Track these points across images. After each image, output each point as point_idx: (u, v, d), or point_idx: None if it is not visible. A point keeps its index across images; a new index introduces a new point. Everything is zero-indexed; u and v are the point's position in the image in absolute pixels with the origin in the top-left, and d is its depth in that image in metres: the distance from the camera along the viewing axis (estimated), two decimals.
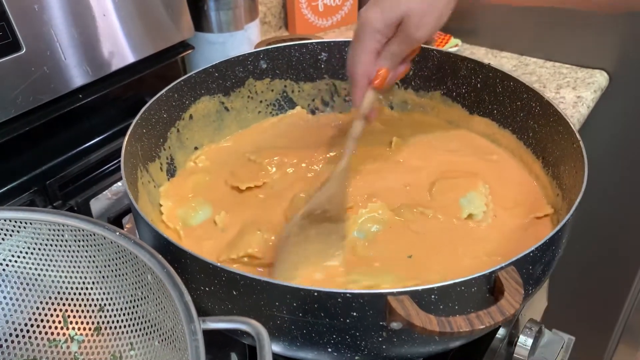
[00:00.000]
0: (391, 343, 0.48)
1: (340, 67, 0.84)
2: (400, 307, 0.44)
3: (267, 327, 0.44)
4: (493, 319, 0.44)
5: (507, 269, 0.47)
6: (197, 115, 0.77)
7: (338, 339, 0.48)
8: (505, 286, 0.46)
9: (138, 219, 0.55)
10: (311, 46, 0.82)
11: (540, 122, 0.70)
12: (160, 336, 0.46)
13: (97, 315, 0.50)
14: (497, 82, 0.75)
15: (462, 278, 0.46)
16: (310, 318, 0.46)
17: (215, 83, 0.78)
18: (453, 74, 0.80)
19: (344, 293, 0.45)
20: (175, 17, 0.88)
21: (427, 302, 0.45)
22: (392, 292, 0.44)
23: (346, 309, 0.45)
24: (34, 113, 0.73)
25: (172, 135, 0.74)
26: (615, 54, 1.07)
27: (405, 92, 0.84)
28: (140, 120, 0.66)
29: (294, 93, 0.85)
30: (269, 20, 1.26)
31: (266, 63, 0.81)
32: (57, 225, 0.49)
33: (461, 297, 0.47)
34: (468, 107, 0.80)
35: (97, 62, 0.79)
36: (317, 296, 0.45)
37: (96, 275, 0.50)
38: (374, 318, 0.46)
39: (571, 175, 0.63)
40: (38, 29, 0.71)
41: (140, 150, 0.67)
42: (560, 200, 0.66)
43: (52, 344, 0.50)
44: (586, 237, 1.24)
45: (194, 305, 0.42)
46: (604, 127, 1.14)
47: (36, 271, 0.51)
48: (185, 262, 0.49)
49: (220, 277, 0.47)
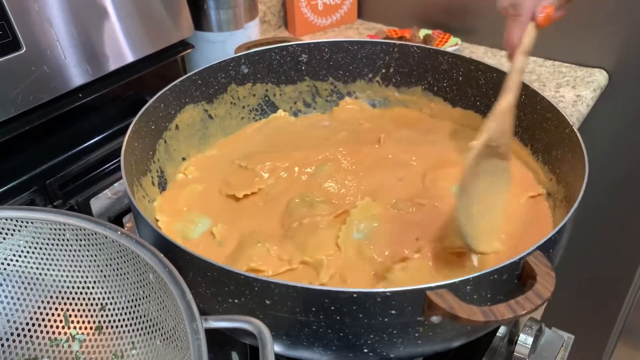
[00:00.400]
0: (426, 338, 0.49)
1: (321, 68, 0.84)
2: (442, 300, 0.44)
3: (298, 334, 0.45)
4: (533, 303, 0.45)
5: (535, 254, 0.48)
6: (182, 125, 0.76)
7: (376, 338, 0.48)
8: (536, 271, 0.47)
9: (138, 218, 0.54)
10: (291, 48, 0.82)
11: (526, 110, 0.71)
12: (162, 335, 0.46)
13: (99, 314, 0.50)
14: (479, 75, 0.76)
15: (495, 267, 0.46)
16: (347, 319, 0.46)
17: (199, 91, 0.77)
18: (434, 68, 0.80)
19: (383, 292, 0.45)
20: (175, 15, 0.88)
21: (463, 293, 0.46)
22: (431, 286, 0.45)
23: (385, 308, 0.46)
24: (34, 112, 0.73)
25: (160, 147, 0.73)
26: (615, 52, 1.07)
27: (387, 89, 0.85)
28: (131, 133, 0.65)
29: (275, 97, 0.85)
30: (269, 19, 1.26)
31: (247, 68, 0.80)
32: (58, 225, 0.49)
33: (493, 286, 0.48)
34: (450, 100, 0.81)
35: (97, 61, 0.79)
36: (355, 297, 0.45)
37: (97, 275, 0.50)
38: (411, 314, 0.46)
39: (566, 160, 0.64)
40: (38, 29, 0.71)
41: (134, 164, 0.65)
42: (555, 184, 0.67)
43: (54, 343, 0.50)
44: (586, 236, 1.24)
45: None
46: (603, 126, 1.14)
47: (37, 270, 0.51)
48: (186, 263, 0.49)
49: (244, 284, 0.47)
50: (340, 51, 0.83)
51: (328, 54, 0.83)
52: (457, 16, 1.20)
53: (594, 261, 1.33)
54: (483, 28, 1.18)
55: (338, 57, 0.83)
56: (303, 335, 0.49)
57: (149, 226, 0.51)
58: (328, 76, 0.85)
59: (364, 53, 0.83)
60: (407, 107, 0.85)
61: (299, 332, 0.49)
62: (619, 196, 1.21)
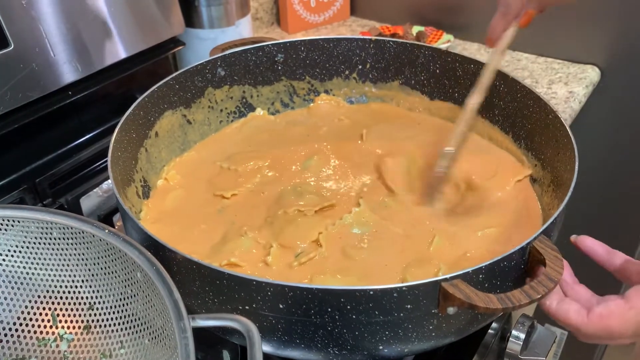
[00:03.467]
0: (440, 329, 0.49)
1: (297, 67, 0.83)
2: (458, 291, 0.44)
3: (303, 334, 0.45)
4: (546, 286, 0.46)
5: (540, 238, 0.49)
6: (162, 131, 0.74)
7: (391, 334, 0.48)
8: (544, 255, 0.47)
9: (125, 217, 0.54)
10: (267, 48, 0.81)
11: (506, 99, 0.72)
12: (150, 334, 0.45)
13: (87, 313, 0.50)
14: (456, 66, 0.77)
15: (504, 254, 0.47)
16: (364, 317, 0.46)
17: (177, 96, 0.76)
18: (410, 62, 0.81)
19: (401, 287, 0.45)
20: (166, 12, 0.87)
21: (475, 282, 0.46)
22: (445, 278, 0.45)
23: (401, 303, 0.46)
24: (23, 110, 0.73)
25: (142, 156, 0.71)
26: (607, 49, 1.07)
27: (364, 85, 0.85)
28: (115, 143, 0.63)
29: (253, 98, 0.84)
30: (261, 16, 1.26)
31: (224, 70, 0.79)
32: (45, 223, 0.49)
33: (502, 273, 0.48)
34: (428, 93, 0.81)
35: (87, 59, 0.78)
36: (372, 295, 0.45)
37: (85, 274, 0.50)
38: (426, 307, 0.46)
39: (550, 146, 0.65)
40: (26, 25, 0.70)
41: (119, 175, 0.64)
42: (540, 169, 0.68)
43: (42, 342, 0.50)
44: (578, 231, 1.24)
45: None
46: (595, 122, 1.14)
47: (25, 269, 0.50)
48: (173, 262, 0.48)
49: (222, 279, 0.46)
50: (316, 49, 0.83)
51: (304, 53, 0.83)
52: (450, 13, 1.19)
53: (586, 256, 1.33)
54: (476, 25, 1.17)
55: (314, 55, 0.83)
56: (306, 336, 0.49)
57: (137, 225, 0.51)
58: (305, 75, 0.84)
59: (339, 50, 0.83)
60: (384, 102, 0.85)
61: (304, 334, 0.49)
62: (611, 191, 1.22)
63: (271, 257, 0.59)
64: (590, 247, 0.55)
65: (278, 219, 0.64)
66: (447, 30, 1.17)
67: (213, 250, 0.62)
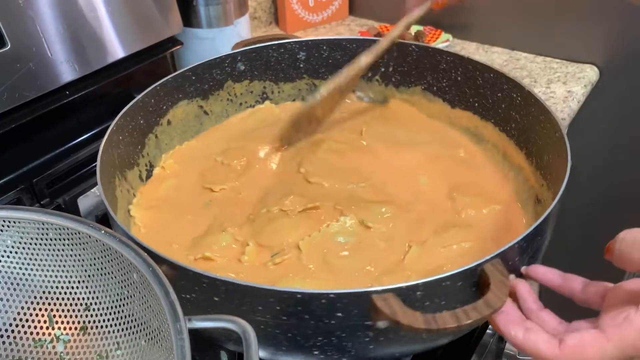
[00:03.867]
0: (378, 343, 0.48)
1: (320, 66, 0.83)
2: (385, 305, 0.43)
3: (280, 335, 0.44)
4: (480, 313, 0.44)
5: (493, 262, 0.46)
6: (175, 120, 0.76)
7: (325, 340, 0.47)
8: (491, 279, 0.45)
9: (113, 223, 0.54)
10: (289, 46, 0.81)
11: (521, 112, 0.70)
12: (147, 335, 0.45)
13: (83, 314, 0.49)
14: (476, 75, 0.75)
15: (448, 273, 0.45)
16: (294, 320, 0.46)
17: (193, 86, 0.77)
18: (432, 68, 0.79)
19: (328, 294, 0.44)
20: (164, 12, 0.87)
21: (413, 299, 0.45)
22: (377, 290, 0.44)
23: (330, 310, 0.45)
24: (20, 110, 0.72)
25: (150, 142, 0.73)
26: (605, 48, 1.07)
27: (386, 88, 0.84)
28: (115, 127, 0.65)
29: (273, 94, 0.84)
30: (259, 16, 1.25)
31: (244, 65, 0.80)
32: (41, 224, 0.49)
33: (448, 293, 0.46)
34: (449, 101, 0.80)
35: (84, 58, 0.78)
36: (300, 298, 0.44)
37: (82, 274, 0.49)
38: (359, 318, 0.45)
39: (555, 165, 0.63)
40: (23, 25, 0.70)
41: (117, 158, 0.65)
42: (546, 190, 0.66)
43: (38, 344, 0.49)
44: (578, 228, 1.24)
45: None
46: (594, 122, 1.14)
47: (20, 270, 0.50)
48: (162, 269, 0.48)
49: (200, 283, 0.47)
50: (339, 49, 0.82)
51: (327, 52, 0.82)
52: (449, 12, 1.19)
53: (586, 252, 1.33)
54: (474, 24, 1.17)
55: (337, 55, 0.82)
56: (284, 339, 0.49)
57: (125, 233, 0.51)
58: (327, 74, 0.84)
59: (362, 51, 0.81)
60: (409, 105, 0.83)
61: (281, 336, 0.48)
62: (610, 191, 1.22)
63: (247, 255, 0.59)
64: (542, 275, 0.52)
65: (260, 217, 0.64)
66: (445, 30, 1.17)
67: (194, 243, 0.62)
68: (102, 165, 0.60)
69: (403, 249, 0.61)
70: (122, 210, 0.66)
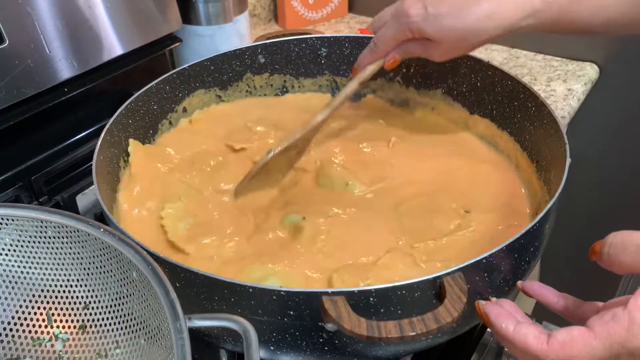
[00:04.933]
0: (332, 345, 0.47)
1: (341, 63, 0.83)
2: (333, 308, 0.42)
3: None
4: (426, 326, 0.43)
5: (454, 275, 0.45)
6: (191, 108, 0.77)
7: (278, 337, 0.47)
8: (447, 292, 0.44)
9: (109, 222, 0.54)
10: (310, 41, 0.81)
11: (535, 124, 0.68)
12: (147, 334, 0.45)
13: (82, 313, 0.49)
14: (495, 81, 0.73)
15: (404, 281, 0.44)
16: (248, 314, 0.46)
17: (211, 76, 0.78)
18: (453, 71, 0.78)
19: (279, 290, 0.44)
20: (163, 8, 0.87)
21: (366, 304, 0.44)
22: (327, 291, 0.43)
23: (283, 307, 0.45)
24: (18, 107, 0.72)
25: (163, 127, 0.75)
26: (605, 46, 1.06)
27: (407, 90, 0.83)
28: (125, 111, 0.67)
29: (294, 88, 0.85)
30: (259, 13, 1.25)
31: (264, 57, 0.81)
32: (40, 222, 0.48)
33: (404, 301, 0.45)
34: (468, 106, 0.78)
35: (83, 55, 0.77)
36: (252, 293, 0.44)
37: (81, 273, 0.49)
38: (311, 319, 0.45)
39: (557, 181, 0.60)
40: (21, 21, 0.69)
41: (124, 140, 0.68)
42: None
43: (36, 342, 0.49)
44: (576, 229, 1.24)
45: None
46: (594, 120, 1.14)
47: (19, 269, 0.50)
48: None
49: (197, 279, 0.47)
50: (361, 47, 0.80)
51: (348, 49, 0.82)
52: None
53: (585, 253, 1.33)
54: None
55: (359, 53, 0.81)
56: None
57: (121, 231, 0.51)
58: (348, 72, 0.83)
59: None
60: (428, 110, 0.82)
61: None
62: (609, 190, 1.21)
63: None
64: (537, 291, 0.52)
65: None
66: None
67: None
68: (103, 143, 0.62)
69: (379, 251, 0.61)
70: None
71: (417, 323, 0.43)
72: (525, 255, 0.53)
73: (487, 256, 0.47)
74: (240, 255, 0.60)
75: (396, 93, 0.84)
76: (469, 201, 0.67)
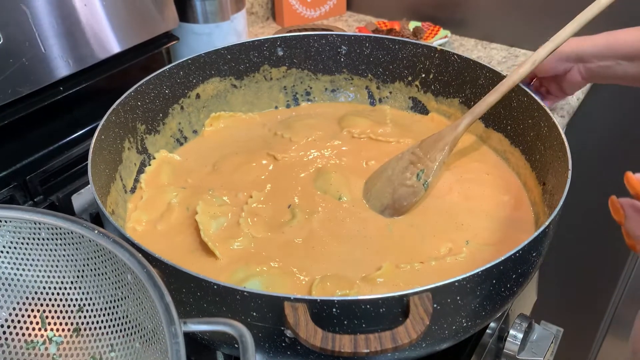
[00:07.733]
0: (294, 351, 0.46)
1: (360, 63, 0.83)
2: (292, 314, 0.42)
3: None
4: (381, 344, 0.42)
5: (422, 295, 0.44)
6: (205, 95, 0.78)
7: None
8: (411, 312, 0.43)
9: (105, 222, 0.54)
10: (330, 38, 0.81)
11: (546, 144, 0.67)
12: (141, 337, 0.44)
13: (76, 315, 0.49)
14: (512, 96, 0.72)
15: (370, 296, 0.43)
16: (213, 311, 0.46)
17: (227, 65, 0.79)
18: (472, 81, 0.77)
19: (242, 290, 0.43)
20: (160, 6, 0.86)
21: (329, 315, 0.43)
22: (290, 297, 0.42)
23: (247, 309, 0.44)
24: (13, 106, 0.71)
25: (174, 112, 0.76)
26: None
27: (425, 95, 0.83)
28: (135, 92, 0.69)
29: (312, 81, 0.85)
30: (256, 11, 1.24)
31: (283, 50, 0.81)
32: (34, 223, 0.48)
33: (367, 316, 0.44)
34: (484, 119, 0.77)
35: (79, 54, 0.77)
36: (217, 289, 0.44)
37: (75, 275, 0.49)
38: (273, 323, 0.44)
39: (559, 195, 0.59)
40: (16, 19, 0.69)
41: (131, 122, 0.69)
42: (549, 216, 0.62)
43: (30, 345, 0.48)
44: (575, 230, 1.24)
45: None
46: (592, 119, 1.13)
47: (12, 270, 0.49)
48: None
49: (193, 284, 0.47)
50: (381, 48, 0.81)
51: (368, 49, 0.82)
52: (447, 8, 1.18)
53: (583, 254, 1.33)
54: (473, 20, 1.16)
55: (379, 54, 0.82)
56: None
57: (116, 230, 0.50)
58: (367, 72, 0.84)
59: (404, 53, 0.81)
60: (446, 118, 0.81)
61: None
62: (608, 189, 1.21)
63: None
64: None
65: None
66: (444, 26, 1.16)
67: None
68: (104, 126, 0.64)
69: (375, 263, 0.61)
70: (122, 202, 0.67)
71: (372, 340, 0.42)
72: (505, 281, 0.51)
73: (460, 279, 0.45)
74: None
75: (413, 97, 0.84)
76: (467, 225, 0.66)
